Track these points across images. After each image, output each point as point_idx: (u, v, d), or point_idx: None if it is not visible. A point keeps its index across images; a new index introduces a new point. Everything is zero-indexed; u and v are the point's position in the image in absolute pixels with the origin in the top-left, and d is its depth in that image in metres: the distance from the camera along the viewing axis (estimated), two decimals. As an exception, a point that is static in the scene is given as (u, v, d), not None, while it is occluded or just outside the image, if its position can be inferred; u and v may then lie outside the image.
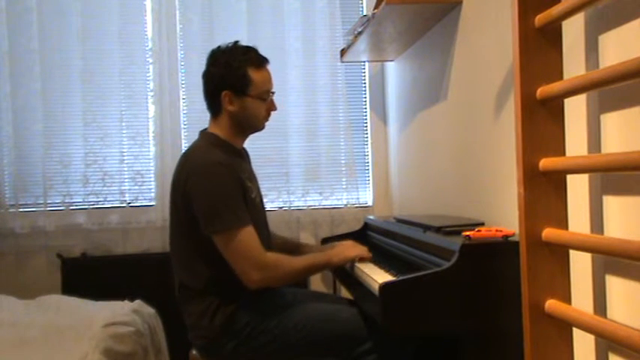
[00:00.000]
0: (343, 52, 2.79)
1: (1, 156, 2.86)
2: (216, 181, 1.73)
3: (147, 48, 2.98)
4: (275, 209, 3.02)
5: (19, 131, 2.86)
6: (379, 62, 3.12)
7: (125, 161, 2.95)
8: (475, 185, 1.98)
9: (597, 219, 1.26)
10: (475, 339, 1.51)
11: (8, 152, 2.85)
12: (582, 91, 1.18)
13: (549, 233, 1.24)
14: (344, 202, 3.09)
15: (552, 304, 1.23)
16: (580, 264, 1.30)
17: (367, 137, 3.21)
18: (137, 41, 2.96)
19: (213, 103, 1.87)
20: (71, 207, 2.90)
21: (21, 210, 2.87)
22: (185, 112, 3.01)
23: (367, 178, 3.20)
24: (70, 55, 2.89)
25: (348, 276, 1.95)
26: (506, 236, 1.52)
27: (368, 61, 3.13)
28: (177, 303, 1.84)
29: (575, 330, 1.25)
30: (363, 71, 3.21)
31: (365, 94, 3.21)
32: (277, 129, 2.97)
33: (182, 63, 3.01)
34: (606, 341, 1.23)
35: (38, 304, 2.34)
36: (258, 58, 1.86)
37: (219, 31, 2.97)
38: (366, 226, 2.58)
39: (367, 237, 2.50)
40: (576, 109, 1.30)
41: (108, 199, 2.94)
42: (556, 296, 1.24)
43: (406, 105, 2.77)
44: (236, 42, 1.88)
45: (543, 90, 1.24)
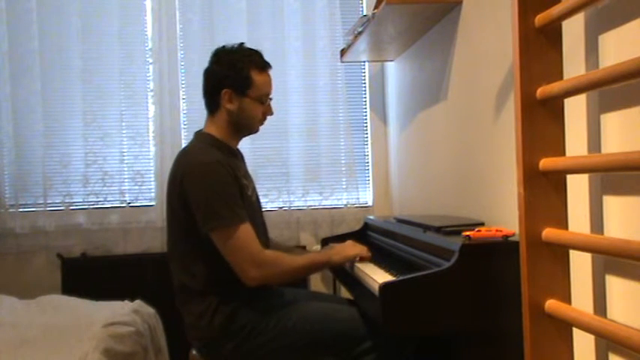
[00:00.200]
0: (343, 52, 2.79)
1: (1, 156, 2.86)
2: (212, 179, 1.74)
3: (147, 48, 2.98)
4: (275, 209, 3.02)
5: (19, 131, 2.87)
6: (379, 62, 3.12)
7: (125, 161, 2.95)
8: (475, 185, 1.98)
9: (597, 219, 1.26)
10: (475, 339, 1.51)
11: (8, 152, 2.85)
12: (582, 91, 1.18)
13: (549, 233, 1.24)
14: (344, 202, 3.09)
15: (552, 304, 1.23)
16: (580, 264, 1.30)
17: (367, 137, 3.21)
18: (137, 41, 2.97)
19: (212, 101, 1.89)
20: (71, 207, 2.90)
21: (21, 210, 2.87)
22: (185, 112, 3.01)
23: (367, 178, 3.20)
24: (70, 55, 2.89)
25: (348, 276, 1.95)
26: (506, 236, 1.52)
27: (368, 61, 3.13)
28: (176, 304, 1.84)
29: (575, 330, 1.25)
30: (363, 71, 3.21)
31: (365, 94, 3.21)
32: (277, 129, 2.97)
33: (182, 63, 3.01)
34: (606, 341, 1.23)
35: (38, 304, 2.34)
36: (261, 62, 1.88)
37: (219, 31, 2.97)
38: (366, 226, 2.58)
39: (367, 237, 2.50)
40: (576, 109, 1.30)
41: (108, 199, 2.94)
42: (556, 296, 1.24)
43: (406, 105, 2.77)
44: (241, 44, 1.91)
45: (543, 90, 1.23)
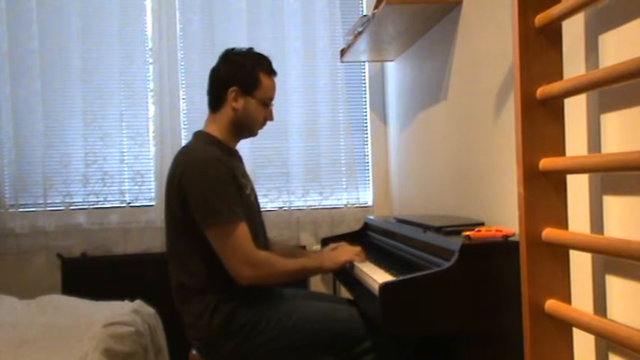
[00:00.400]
0: (343, 52, 2.79)
1: (1, 156, 2.86)
2: (211, 176, 1.75)
3: (147, 48, 2.98)
4: (275, 209, 3.02)
5: (19, 131, 2.86)
6: (379, 62, 3.12)
7: (125, 161, 2.95)
8: (475, 185, 1.98)
9: (597, 219, 1.26)
10: (475, 339, 1.51)
11: (8, 152, 2.85)
12: (582, 91, 1.18)
13: (549, 233, 1.24)
14: (344, 202, 3.09)
15: (552, 304, 1.23)
16: (580, 264, 1.30)
17: (367, 137, 3.21)
18: (137, 41, 2.97)
19: (216, 99, 1.90)
20: (71, 207, 2.90)
21: (21, 210, 2.87)
22: (185, 112, 3.01)
23: (367, 178, 3.20)
24: (70, 55, 2.89)
25: (348, 276, 1.95)
26: (506, 236, 1.52)
27: (368, 61, 3.13)
28: (175, 303, 1.84)
29: (575, 330, 1.25)
30: (363, 71, 3.21)
31: (365, 94, 3.21)
32: (277, 129, 2.97)
33: (182, 63, 3.01)
34: (606, 341, 1.23)
35: (38, 304, 2.34)
36: (270, 66, 1.92)
37: (219, 31, 2.97)
38: (366, 226, 2.58)
39: (367, 237, 2.50)
40: (576, 109, 1.30)
41: (108, 199, 2.94)
42: (556, 296, 1.24)
43: (406, 105, 2.77)
44: (250, 48, 1.94)
45: (543, 90, 1.23)
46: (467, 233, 1.55)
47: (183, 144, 2.96)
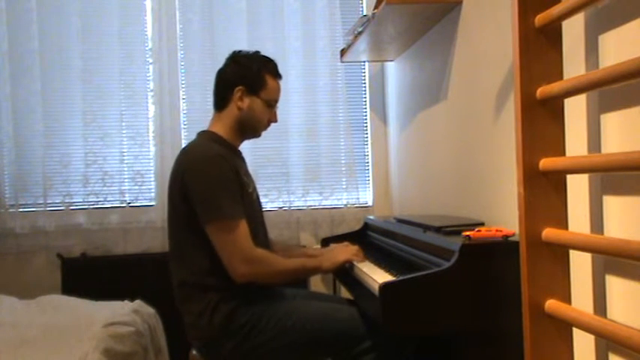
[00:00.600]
0: (343, 52, 2.79)
1: (1, 156, 2.85)
2: (214, 172, 1.76)
3: (147, 48, 2.98)
4: (275, 209, 3.02)
5: (19, 131, 2.86)
6: (379, 62, 3.12)
7: (125, 161, 2.95)
8: (475, 185, 1.98)
9: (597, 219, 1.26)
10: (475, 339, 1.51)
11: (8, 152, 2.85)
12: (582, 91, 1.18)
13: (549, 233, 1.24)
14: (344, 202, 3.09)
15: (552, 304, 1.23)
16: (580, 264, 1.30)
17: (367, 137, 3.21)
18: (137, 41, 2.97)
19: (222, 98, 1.92)
20: (71, 207, 2.90)
21: (21, 210, 2.87)
22: (185, 112, 3.01)
23: (367, 178, 3.20)
24: (70, 55, 2.89)
25: (348, 276, 1.95)
26: (506, 236, 1.52)
27: (368, 61, 3.13)
28: (175, 303, 1.84)
29: (575, 330, 1.25)
30: (363, 71, 3.21)
31: (365, 94, 3.21)
32: (277, 129, 2.96)
33: (182, 63, 3.01)
34: (606, 341, 1.23)
35: (38, 304, 2.34)
36: (276, 69, 1.95)
37: (219, 31, 2.97)
38: (366, 226, 2.58)
39: (367, 237, 2.50)
40: (576, 109, 1.30)
41: (108, 199, 2.94)
42: (556, 296, 1.24)
43: (406, 105, 2.77)
44: (257, 51, 1.97)
45: (543, 90, 1.23)
46: (467, 233, 1.55)
47: (183, 144, 2.98)
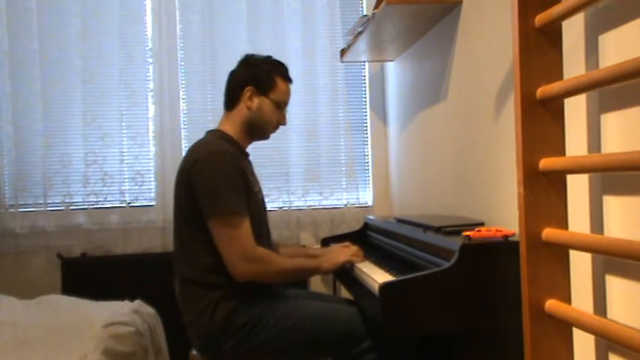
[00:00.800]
0: (343, 52, 2.79)
1: (1, 156, 2.85)
2: (220, 168, 1.77)
3: (147, 48, 2.98)
4: (275, 209, 3.02)
5: (19, 131, 2.86)
6: (379, 62, 3.12)
7: (125, 161, 2.95)
8: (475, 185, 1.98)
9: (597, 219, 1.26)
10: (475, 339, 1.51)
11: (8, 152, 2.85)
12: (582, 91, 1.18)
13: (549, 233, 1.24)
14: (344, 202, 3.09)
15: (552, 304, 1.23)
16: (580, 264, 1.30)
17: (367, 137, 3.21)
18: (137, 41, 2.97)
19: (232, 98, 1.94)
20: (71, 207, 2.90)
21: (21, 210, 2.87)
22: (185, 112, 3.01)
23: (367, 178, 3.20)
24: (70, 55, 2.89)
25: (348, 276, 1.95)
26: (506, 236, 1.52)
27: (368, 61, 3.13)
28: (178, 301, 1.85)
29: (575, 330, 1.25)
30: (363, 71, 3.21)
31: (365, 94, 3.21)
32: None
33: (182, 63, 3.01)
34: (606, 341, 1.23)
35: (38, 304, 2.34)
36: (287, 72, 1.99)
37: (219, 31, 2.97)
38: (366, 226, 2.58)
39: (367, 237, 2.50)
40: (576, 109, 1.30)
41: (108, 199, 2.94)
42: (556, 296, 1.24)
43: (406, 105, 2.77)
44: (269, 56, 2.00)
45: (543, 90, 1.23)
46: (467, 233, 1.55)
47: (183, 144, 2.99)
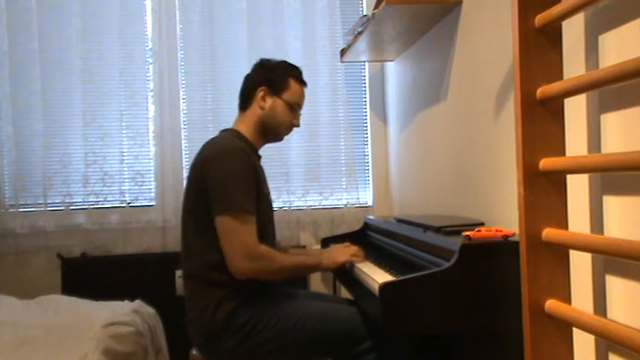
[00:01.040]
0: (343, 52, 2.79)
1: (1, 156, 2.85)
2: (233, 164, 1.78)
3: (147, 48, 2.98)
4: (275, 209, 3.00)
5: (19, 131, 2.86)
6: (379, 62, 3.12)
7: (125, 161, 2.95)
8: (475, 185, 1.98)
9: (597, 219, 1.26)
10: (475, 339, 1.51)
11: (8, 152, 2.85)
12: (582, 91, 1.18)
13: (549, 233, 1.24)
14: (344, 202, 3.09)
15: (552, 304, 1.23)
16: (580, 264, 1.30)
17: (367, 137, 3.21)
18: (137, 41, 2.97)
19: (246, 98, 1.96)
20: (71, 207, 2.90)
21: (21, 210, 2.87)
22: (185, 112, 3.01)
23: (367, 178, 3.20)
24: (70, 55, 2.89)
25: (348, 276, 1.95)
26: (506, 236, 1.52)
27: (368, 61, 3.13)
28: (182, 297, 1.86)
29: (575, 330, 1.25)
30: (363, 71, 3.21)
31: (365, 94, 3.21)
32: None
33: (182, 63, 3.01)
34: (606, 341, 1.23)
35: (38, 304, 2.34)
36: (301, 75, 2.00)
37: (219, 31, 2.97)
38: (366, 226, 2.58)
39: (367, 237, 2.50)
40: (576, 109, 1.30)
41: (108, 199, 2.94)
42: (556, 296, 1.24)
43: (406, 105, 2.77)
44: (283, 60, 2.02)
45: (543, 90, 1.23)
46: (467, 233, 1.54)
47: (183, 144, 2.99)
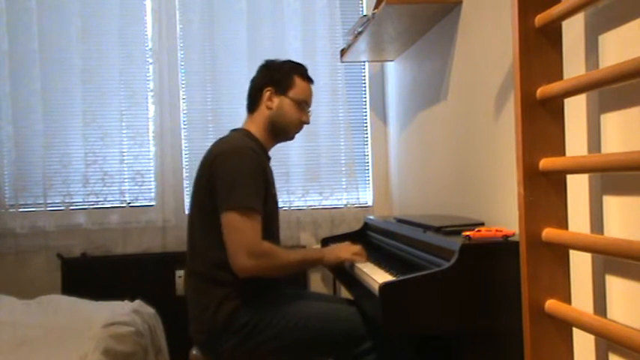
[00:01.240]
0: (343, 52, 2.79)
1: (1, 156, 2.85)
2: (243, 162, 1.78)
3: (147, 48, 2.98)
4: (276, 209, 3.02)
5: (19, 131, 2.86)
6: (379, 62, 3.12)
7: (125, 161, 2.95)
8: (475, 185, 1.98)
9: (597, 219, 1.26)
10: (475, 339, 1.51)
11: (8, 152, 2.85)
12: (582, 91, 1.18)
13: (549, 233, 1.24)
14: (344, 202, 3.09)
15: (552, 304, 1.23)
16: (580, 264, 1.30)
17: (367, 137, 3.21)
18: (137, 41, 2.97)
19: (253, 100, 1.97)
20: (71, 207, 2.90)
21: (21, 210, 2.87)
22: (185, 112, 3.01)
23: (367, 178, 3.20)
24: (70, 55, 2.89)
25: (348, 276, 1.95)
26: (506, 236, 1.52)
27: (368, 61, 3.13)
28: (185, 294, 1.86)
29: (575, 330, 1.25)
30: (363, 71, 3.21)
31: (365, 94, 3.21)
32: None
33: (182, 63, 3.01)
34: (606, 341, 1.23)
35: (38, 304, 2.34)
36: (306, 72, 2.00)
37: (219, 31, 2.97)
38: (366, 226, 2.58)
39: (367, 237, 2.50)
40: (576, 109, 1.30)
41: (108, 199, 2.94)
42: (556, 296, 1.24)
43: (406, 105, 2.77)
44: (288, 60, 2.03)
45: (543, 90, 1.23)
46: (467, 233, 1.55)
47: (183, 144, 2.99)
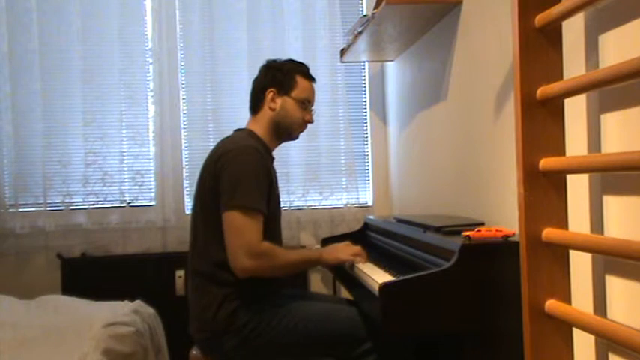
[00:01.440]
0: (343, 52, 2.79)
1: (1, 156, 2.85)
2: (248, 162, 1.78)
3: (147, 48, 2.98)
4: (277, 209, 3.02)
5: (19, 131, 2.86)
6: (379, 62, 3.12)
7: (125, 161, 2.95)
8: (475, 185, 1.98)
9: (597, 219, 1.26)
10: (475, 339, 1.51)
11: (8, 152, 2.85)
12: (582, 91, 1.18)
13: (549, 233, 1.24)
14: (344, 202, 3.09)
15: (552, 304, 1.23)
16: (580, 264, 1.30)
17: (367, 137, 3.21)
18: (137, 41, 2.97)
19: (256, 102, 1.97)
20: (71, 207, 2.90)
21: (21, 210, 2.87)
22: (185, 112, 3.01)
23: (367, 178, 3.20)
24: (70, 55, 2.89)
25: (348, 276, 1.95)
26: (506, 236, 1.52)
27: (368, 61, 3.13)
28: (186, 293, 1.86)
29: (575, 330, 1.25)
30: (363, 71, 3.21)
31: (365, 94, 3.21)
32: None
33: (182, 63, 3.01)
34: (606, 341, 1.23)
35: (38, 304, 2.34)
36: (307, 71, 2.00)
37: (219, 31, 2.98)
38: (366, 226, 2.58)
39: (367, 237, 2.50)
40: (576, 109, 1.30)
41: (108, 199, 2.94)
42: (556, 296, 1.24)
43: (406, 105, 2.77)
44: (290, 59, 2.03)
45: (543, 90, 1.23)
46: (467, 233, 1.54)
47: (183, 144, 2.99)
